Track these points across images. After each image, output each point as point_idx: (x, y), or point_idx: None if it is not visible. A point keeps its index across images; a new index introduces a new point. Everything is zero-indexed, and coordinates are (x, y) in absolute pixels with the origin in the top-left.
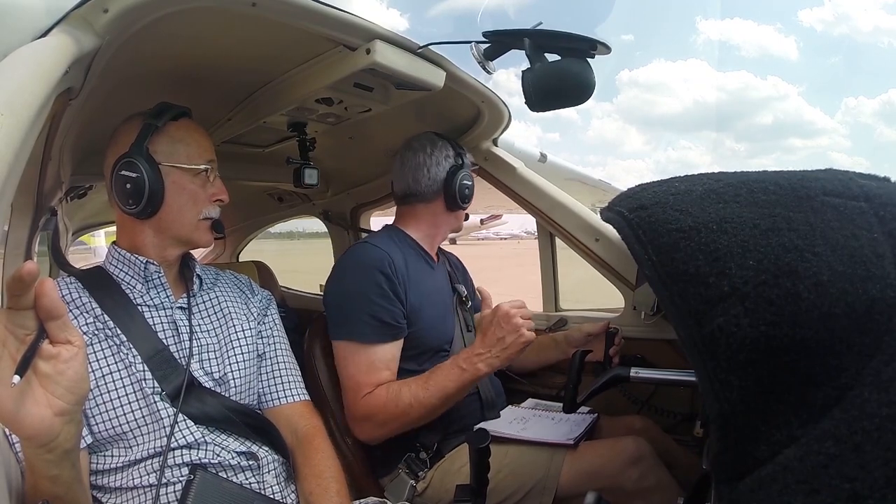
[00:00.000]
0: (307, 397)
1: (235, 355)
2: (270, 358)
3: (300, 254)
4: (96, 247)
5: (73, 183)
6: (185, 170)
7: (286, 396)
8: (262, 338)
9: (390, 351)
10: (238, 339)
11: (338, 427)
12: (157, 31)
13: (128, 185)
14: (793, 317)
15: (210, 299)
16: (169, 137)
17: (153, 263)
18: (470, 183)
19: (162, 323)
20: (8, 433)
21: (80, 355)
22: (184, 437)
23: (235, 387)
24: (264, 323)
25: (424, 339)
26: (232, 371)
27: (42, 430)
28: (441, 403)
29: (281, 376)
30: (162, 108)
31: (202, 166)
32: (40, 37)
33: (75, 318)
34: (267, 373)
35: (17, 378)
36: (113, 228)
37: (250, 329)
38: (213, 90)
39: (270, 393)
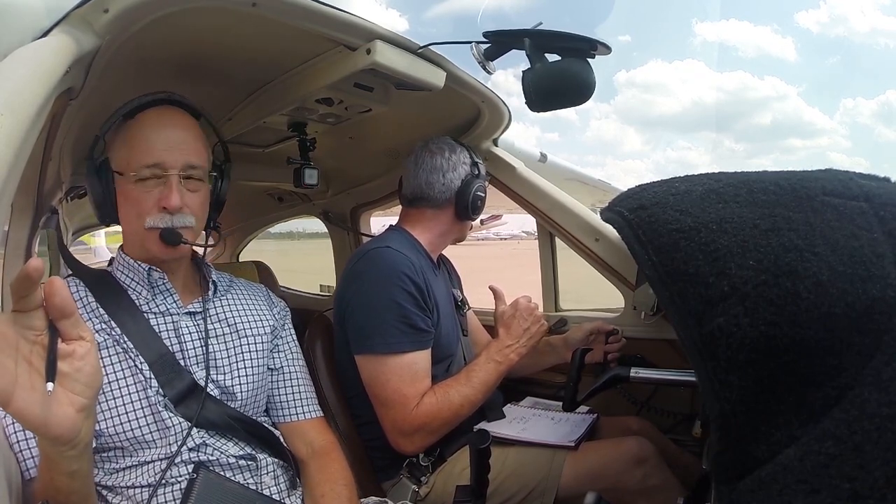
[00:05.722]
0: (321, 414)
1: (245, 368)
2: (286, 372)
3: (299, 254)
4: (96, 247)
5: (73, 183)
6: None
7: (301, 413)
8: (278, 351)
9: (427, 358)
10: (249, 351)
11: (337, 427)
12: (157, 31)
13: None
14: (793, 317)
15: (222, 306)
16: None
17: (157, 270)
18: (484, 195)
19: (167, 329)
20: (7, 434)
21: (93, 349)
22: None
23: (241, 399)
24: (281, 336)
25: (440, 346)
26: (240, 384)
27: (68, 428)
28: (483, 397)
29: (296, 392)
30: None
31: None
32: (40, 37)
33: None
34: (282, 388)
35: (50, 385)
36: (113, 228)
37: (263, 344)
38: (213, 90)
39: (285, 408)
